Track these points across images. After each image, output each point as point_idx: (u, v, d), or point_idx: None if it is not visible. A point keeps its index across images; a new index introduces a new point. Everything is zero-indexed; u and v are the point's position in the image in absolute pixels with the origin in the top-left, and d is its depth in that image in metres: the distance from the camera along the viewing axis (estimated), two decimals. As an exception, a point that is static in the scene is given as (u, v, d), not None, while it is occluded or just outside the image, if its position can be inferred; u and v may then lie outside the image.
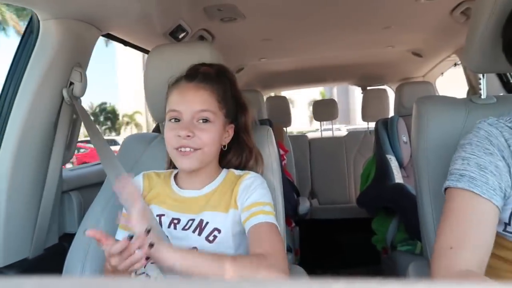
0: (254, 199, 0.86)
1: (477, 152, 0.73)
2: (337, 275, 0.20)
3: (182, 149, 0.85)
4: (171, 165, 1.01)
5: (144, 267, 0.80)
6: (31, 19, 1.07)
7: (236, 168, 0.97)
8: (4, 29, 18.93)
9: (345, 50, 2.46)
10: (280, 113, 3.05)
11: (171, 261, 0.70)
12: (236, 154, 0.98)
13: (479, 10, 0.91)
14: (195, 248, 0.83)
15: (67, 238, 1.21)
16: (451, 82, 2.85)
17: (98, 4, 1.09)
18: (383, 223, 1.82)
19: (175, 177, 0.95)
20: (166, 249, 0.71)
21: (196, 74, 0.90)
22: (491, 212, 0.69)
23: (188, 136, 0.84)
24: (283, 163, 2.16)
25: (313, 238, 2.62)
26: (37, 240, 1.13)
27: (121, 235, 0.91)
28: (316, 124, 3.43)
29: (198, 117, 0.86)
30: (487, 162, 0.72)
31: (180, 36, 1.55)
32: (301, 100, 31.40)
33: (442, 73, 2.86)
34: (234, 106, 0.95)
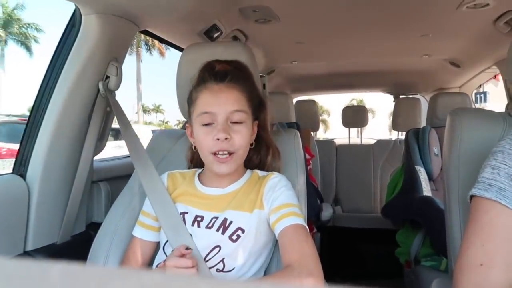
0: (283, 200, 0.85)
1: (508, 162, 0.70)
2: (357, 285, 0.20)
3: (220, 155, 0.84)
4: (193, 163, 1.02)
5: None
6: (73, 13, 1.11)
7: (257, 166, 0.97)
8: (150, 50, 27.46)
9: (379, 57, 2.41)
10: (309, 117, 3.03)
11: None
12: (256, 152, 0.97)
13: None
14: (218, 247, 0.84)
15: (94, 227, 1.25)
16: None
17: (138, 1, 1.11)
18: (408, 235, 1.77)
19: (199, 175, 0.96)
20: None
21: (226, 74, 0.88)
22: None
23: (226, 138, 0.83)
24: (308, 167, 2.14)
25: (334, 246, 2.58)
26: (66, 227, 1.16)
27: (138, 231, 0.93)
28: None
29: (232, 118, 0.85)
30: None
31: (215, 36, 1.57)
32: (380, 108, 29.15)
33: (480, 85, 2.76)
34: (258, 103, 0.94)
